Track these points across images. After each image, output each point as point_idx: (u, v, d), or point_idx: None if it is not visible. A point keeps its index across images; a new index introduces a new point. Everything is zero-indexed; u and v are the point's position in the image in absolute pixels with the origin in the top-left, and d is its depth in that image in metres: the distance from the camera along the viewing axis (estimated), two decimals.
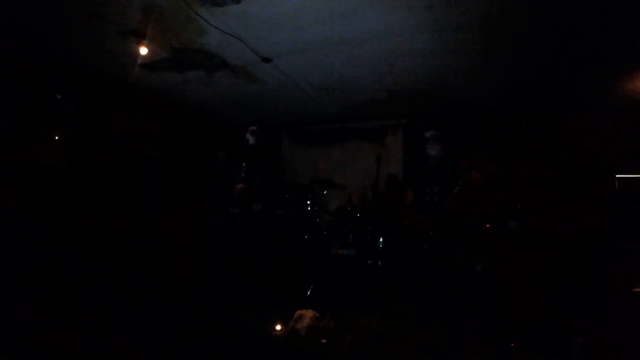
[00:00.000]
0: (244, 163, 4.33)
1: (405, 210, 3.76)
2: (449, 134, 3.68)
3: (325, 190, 6.38)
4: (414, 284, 4.64)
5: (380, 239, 5.34)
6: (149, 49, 3.99)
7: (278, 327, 3.63)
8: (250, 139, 4.38)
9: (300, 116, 6.67)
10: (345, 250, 5.13)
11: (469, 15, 3.32)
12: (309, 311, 3.73)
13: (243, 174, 4.29)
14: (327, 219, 6.35)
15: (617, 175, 5.05)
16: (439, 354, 3.16)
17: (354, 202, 6.14)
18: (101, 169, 4.84)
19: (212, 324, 3.67)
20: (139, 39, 3.83)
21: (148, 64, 4.50)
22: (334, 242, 5.24)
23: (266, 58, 4.31)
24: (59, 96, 4.39)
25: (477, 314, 3.88)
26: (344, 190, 6.33)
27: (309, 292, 4.73)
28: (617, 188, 5.05)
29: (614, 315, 3.85)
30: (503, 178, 4.79)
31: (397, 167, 6.45)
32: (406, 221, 3.75)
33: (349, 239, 5.24)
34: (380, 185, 6.02)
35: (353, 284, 4.91)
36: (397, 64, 4.37)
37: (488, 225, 4.70)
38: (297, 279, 4.99)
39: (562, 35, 3.57)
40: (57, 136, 4.39)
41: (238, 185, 4.21)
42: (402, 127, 6.54)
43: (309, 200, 5.79)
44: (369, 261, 5.19)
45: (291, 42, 3.96)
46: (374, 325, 3.80)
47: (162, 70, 4.67)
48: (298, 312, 3.72)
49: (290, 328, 3.59)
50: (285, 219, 5.62)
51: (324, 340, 3.41)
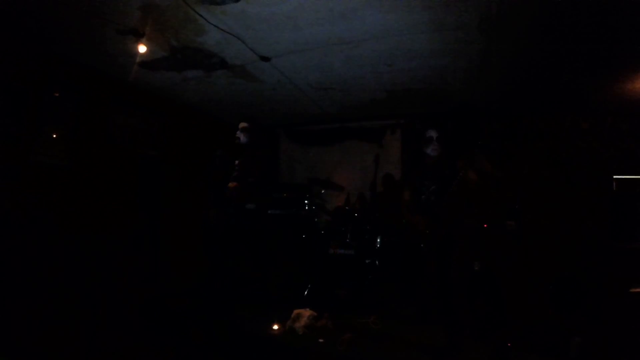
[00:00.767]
0: (237, 161, 4.31)
1: (402, 209, 3.76)
2: (448, 134, 3.68)
3: (323, 190, 6.38)
4: (412, 284, 4.65)
5: (378, 238, 5.35)
6: (148, 47, 3.97)
7: (276, 326, 3.63)
8: (242, 137, 4.35)
9: (299, 116, 6.67)
10: (343, 250, 5.14)
11: (468, 15, 3.32)
12: (307, 310, 3.74)
13: (236, 173, 4.27)
14: (325, 219, 6.36)
15: (615, 177, 5.07)
16: (437, 354, 3.17)
17: (352, 201, 6.15)
18: (101, 168, 4.82)
19: (210, 323, 3.67)
20: (138, 37, 3.82)
21: (147, 63, 4.49)
22: (331, 241, 5.24)
23: (265, 57, 4.30)
24: (57, 94, 4.36)
25: (475, 314, 3.89)
26: (342, 190, 6.35)
27: (306, 291, 4.74)
28: (615, 189, 5.06)
29: (612, 315, 3.86)
30: (501, 178, 4.79)
31: (396, 167, 6.46)
32: (404, 220, 3.76)
33: (347, 239, 5.25)
34: (379, 185, 6.02)
35: (351, 284, 4.92)
36: (396, 64, 4.37)
37: (486, 225, 4.71)
38: (295, 279, 5.00)
39: (561, 35, 3.57)
40: (56, 135, 4.37)
41: (231, 184, 4.19)
42: (400, 127, 6.55)
43: (307, 200, 5.79)
44: (367, 261, 5.19)
45: (290, 42, 3.95)
46: (372, 325, 3.81)
47: (161, 69, 4.65)
48: (296, 311, 3.72)
49: (287, 327, 3.60)
50: (283, 218, 5.62)
51: (322, 339, 3.42)
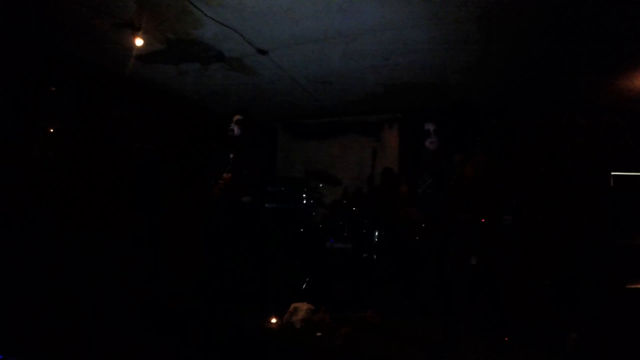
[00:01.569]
0: (231, 155, 4.28)
1: (399, 202, 3.76)
2: (446, 128, 3.68)
3: (320, 184, 6.37)
4: (410, 278, 4.65)
5: (376, 232, 5.34)
6: (144, 41, 3.95)
7: (273, 320, 3.63)
8: (236, 129, 4.29)
9: (297, 109, 6.65)
10: (340, 244, 5.13)
11: (467, 9, 3.31)
12: (304, 304, 3.73)
13: (230, 166, 4.24)
14: (322, 213, 6.35)
15: (613, 173, 5.08)
16: (433, 348, 3.18)
17: (350, 195, 6.14)
18: (99, 165, 4.79)
19: (208, 318, 3.66)
20: (135, 31, 3.79)
21: (144, 56, 4.46)
22: (329, 235, 5.24)
23: (262, 50, 4.28)
24: (53, 88, 4.33)
25: (472, 308, 3.90)
26: (339, 184, 6.33)
27: (304, 285, 4.74)
28: (612, 185, 5.08)
29: (609, 310, 3.88)
30: (499, 173, 4.79)
31: (393, 161, 6.46)
32: (401, 212, 3.76)
33: (345, 233, 5.24)
34: (376, 179, 6.01)
35: (348, 278, 4.92)
36: (394, 58, 4.36)
37: (483, 220, 4.71)
38: (293, 273, 5.00)
39: (559, 32, 3.57)
40: (54, 132, 4.35)
41: (225, 175, 4.16)
42: (398, 121, 6.54)
43: (304, 194, 5.77)
44: (365, 255, 5.19)
45: (288, 35, 3.93)
46: (369, 319, 3.82)
47: (158, 62, 4.62)
48: (293, 305, 3.72)
49: (285, 321, 3.60)
50: (280, 212, 5.60)
51: (319, 333, 3.42)
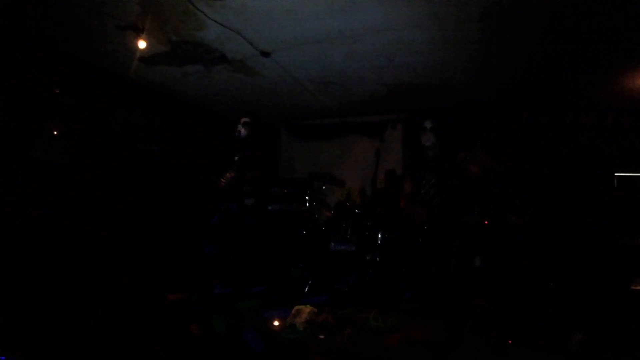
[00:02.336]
0: (237, 157, 4.29)
1: (402, 203, 3.76)
2: (448, 127, 3.68)
3: (324, 185, 6.37)
4: (413, 279, 4.64)
5: (379, 234, 5.34)
6: (147, 43, 3.95)
7: (276, 322, 3.63)
8: (243, 131, 4.31)
9: (300, 110, 6.65)
10: (343, 246, 5.13)
11: (468, 9, 3.31)
12: (308, 307, 3.73)
13: (235, 167, 4.25)
14: (325, 214, 6.35)
15: (616, 174, 5.05)
16: (437, 349, 3.17)
17: (353, 197, 6.13)
18: (100, 165, 4.81)
19: (209, 320, 3.66)
20: (138, 33, 3.80)
21: (147, 59, 4.47)
22: (332, 237, 5.23)
23: (265, 52, 4.29)
24: (57, 90, 4.35)
25: (475, 309, 3.88)
26: (343, 185, 6.33)
27: (307, 287, 4.73)
28: (616, 186, 5.05)
29: (613, 312, 3.85)
30: (502, 173, 4.78)
31: (397, 161, 6.44)
32: (404, 212, 3.75)
33: (348, 235, 5.24)
34: (380, 180, 6.00)
35: (351, 279, 4.91)
36: (397, 59, 4.35)
37: (487, 222, 4.70)
38: (296, 274, 4.99)
39: (561, 31, 3.56)
40: (56, 133, 4.36)
41: (228, 174, 4.15)
42: (401, 121, 6.53)
43: (307, 195, 5.78)
44: (368, 257, 5.18)
45: (290, 36, 3.94)
46: (372, 320, 3.80)
47: (161, 64, 4.64)
48: (296, 307, 3.72)
49: (288, 323, 3.59)
50: (283, 214, 5.61)
51: (322, 335, 3.41)
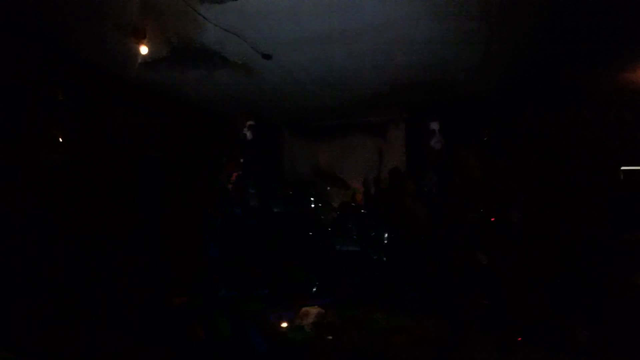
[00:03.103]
0: (242, 159, 4.31)
1: (405, 202, 3.76)
2: (451, 125, 3.67)
3: (328, 186, 6.36)
4: (418, 278, 4.63)
5: (384, 234, 5.33)
6: (148, 47, 3.97)
7: (284, 324, 3.63)
8: (248, 134, 4.33)
9: (302, 112, 6.63)
10: (349, 246, 5.13)
11: (469, 6, 3.30)
12: (315, 308, 3.74)
13: (241, 168, 4.26)
14: (330, 215, 6.35)
15: (623, 168, 5.03)
16: (443, 348, 3.16)
17: (357, 197, 6.12)
18: (101, 167, 4.81)
19: (214, 322, 3.67)
20: (138, 37, 3.82)
21: (148, 62, 4.47)
22: (337, 238, 5.23)
23: (266, 55, 4.29)
24: (61, 97, 4.38)
25: (481, 307, 3.87)
26: (347, 186, 6.32)
27: (313, 288, 4.73)
28: (621, 179, 5.02)
29: (619, 306, 3.82)
30: (505, 170, 4.76)
31: (400, 161, 6.40)
32: (407, 211, 3.75)
33: (353, 235, 5.23)
34: (384, 180, 5.99)
35: (358, 280, 4.91)
36: (397, 57, 4.33)
37: (493, 219, 4.68)
38: (301, 276, 4.99)
39: (563, 26, 3.54)
40: (56, 133, 4.39)
41: (233, 175, 4.16)
42: (404, 121, 6.51)
43: (312, 197, 5.78)
44: (374, 256, 5.18)
45: (290, 37, 3.93)
46: (379, 320, 3.80)
47: (162, 68, 4.65)
48: (303, 308, 3.73)
49: (295, 325, 3.60)
50: (287, 215, 5.61)
51: (329, 336, 3.42)
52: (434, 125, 3.55)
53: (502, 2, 3.21)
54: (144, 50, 3.98)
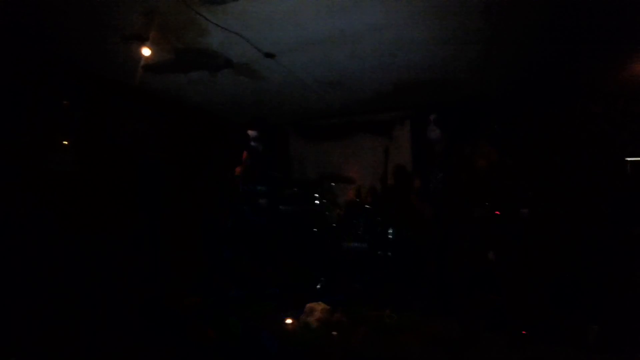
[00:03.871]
0: (248, 160, 4.35)
1: (411, 199, 3.77)
2: (455, 122, 3.66)
3: (334, 184, 6.38)
4: (426, 276, 4.63)
5: (391, 230, 5.33)
6: (152, 51, 4.03)
7: (289, 320, 3.65)
8: (255, 144, 4.41)
9: (307, 112, 6.66)
10: (355, 244, 5.14)
11: (470, 4, 3.29)
12: (320, 304, 3.75)
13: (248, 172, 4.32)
14: (336, 213, 6.36)
15: (629, 159, 4.98)
16: (452, 346, 3.16)
17: (364, 195, 6.13)
18: (103, 171, 4.88)
19: (225, 323, 3.70)
20: (142, 42, 3.87)
21: (152, 67, 4.53)
22: (344, 235, 5.25)
23: (269, 54, 4.32)
24: (67, 102, 4.43)
25: (490, 305, 3.86)
26: (353, 184, 6.33)
27: (320, 285, 4.76)
28: (629, 171, 4.97)
29: (629, 302, 3.80)
30: (512, 166, 4.75)
31: (406, 158, 6.40)
32: (414, 207, 3.76)
33: (359, 232, 5.25)
34: (390, 177, 6.00)
35: (364, 277, 4.92)
36: (400, 55, 4.33)
37: (498, 212, 4.66)
38: (308, 273, 5.02)
39: (566, 20, 3.51)
40: (60, 139, 4.45)
41: (237, 169, 4.20)
42: (409, 118, 6.50)
43: (318, 195, 5.80)
44: (380, 253, 5.18)
45: (293, 38, 3.96)
46: (386, 318, 3.81)
47: (166, 72, 4.70)
48: (309, 305, 3.74)
49: (301, 322, 3.62)
50: (295, 214, 5.64)
51: (336, 333, 3.43)
52: (438, 123, 3.54)
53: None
54: (147, 52, 4.03)
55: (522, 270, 4.15)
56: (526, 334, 3.24)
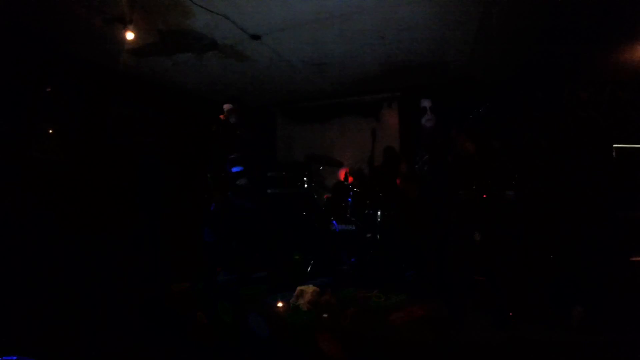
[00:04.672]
0: (231, 143, 4.32)
1: (399, 180, 3.78)
2: (443, 104, 3.66)
3: (321, 167, 6.37)
4: (414, 257, 4.69)
5: (378, 212, 5.36)
6: (136, 34, 3.93)
7: (280, 304, 3.68)
8: (231, 118, 4.36)
9: (294, 93, 6.61)
10: (343, 225, 5.16)
11: None
12: (310, 287, 3.77)
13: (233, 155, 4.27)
14: (324, 195, 6.37)
15: (615, 145, 5.06)
16: (439, 327, 3.22)
17: (351, 177, 6.14)
18: (100, 165, 4.82)
19: (214, 308, 3.70)
20: (125, 25, 3.77)
21: (137, 50, 4.44)
22: (332, 217, 5.27)
23: (255, 35, 4.25)
24: (49, 89, 4.32)
25: (476, 285, 3.93)
26: (340, 166, 6.33)
27: (309, 268, 4.79)
28: (615, 157, 5.06)
29: (613, 284, 3.89)
30: (499, 148, 4.78)
31: (393, 140, 6.42)
32: (399, 188, 3.78)
33: (347, 214, 5.27)
34: (377, 159, 6.01)
35: (353, 259, 4.96)
36: (389, 37, 4.30)
37: (485, 195, 4.71)
38: (297, 257, 5.04)
39: (558, 4, 3.51)
40: (54, 132, 4.36)
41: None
42: (397, 100, 6.49)
43: (305, 177, 5.79)
44: (368, 235, 5.22)
45: (279, 19, 3.90)
46: (374, 299, 3.85)
47: (151, 55, 4.60)
48: (299, 288, 3.76)
49: (291, 305, 3.64)
50: (282, 197, 5.63)
51: (326, 315, 3.46)
52: (426, 104, 3.53)
53: None
54: (130, 35, 3.93)
55: (507, 251, 4.22)
56: (512, 314, 3.30)
